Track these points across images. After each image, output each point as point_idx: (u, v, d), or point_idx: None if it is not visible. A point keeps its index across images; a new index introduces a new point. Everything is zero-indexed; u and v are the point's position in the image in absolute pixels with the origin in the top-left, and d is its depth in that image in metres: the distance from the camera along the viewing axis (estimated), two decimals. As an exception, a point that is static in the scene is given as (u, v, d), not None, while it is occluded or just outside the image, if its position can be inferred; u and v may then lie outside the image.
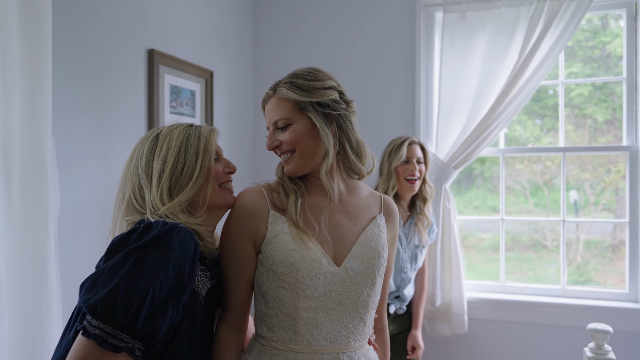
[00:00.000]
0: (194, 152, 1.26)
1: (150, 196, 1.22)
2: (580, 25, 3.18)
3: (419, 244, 2.43)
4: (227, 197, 1.32)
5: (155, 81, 2.38)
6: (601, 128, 3.26)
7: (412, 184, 2.38)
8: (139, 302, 1.00)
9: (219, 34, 2.94)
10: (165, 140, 1.26)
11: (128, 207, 1.25)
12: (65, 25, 1.93)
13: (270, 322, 1.29)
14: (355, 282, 1.28)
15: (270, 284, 1.28)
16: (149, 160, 1.25)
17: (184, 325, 1.15)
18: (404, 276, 2.38)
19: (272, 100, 1.33)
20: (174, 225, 1.10)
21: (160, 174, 1.23)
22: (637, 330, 2.63)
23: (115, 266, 1.03)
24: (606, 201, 3.60)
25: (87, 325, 1.00)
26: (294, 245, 1.25)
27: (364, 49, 3.10)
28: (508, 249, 3.79)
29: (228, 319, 1.32)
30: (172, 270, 1.05)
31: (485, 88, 2.78)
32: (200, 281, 1.23)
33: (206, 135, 1.30)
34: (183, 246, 1.08)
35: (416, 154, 2.43)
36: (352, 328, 1.29)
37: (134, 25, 2.28)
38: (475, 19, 2.83)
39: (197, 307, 1.19)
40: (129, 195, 1.26)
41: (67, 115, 1.94)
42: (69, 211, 1.94)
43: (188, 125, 1.31)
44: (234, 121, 3.10)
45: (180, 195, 1.22)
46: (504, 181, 3.02)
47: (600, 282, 3.37)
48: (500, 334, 2.83)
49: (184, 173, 1.24)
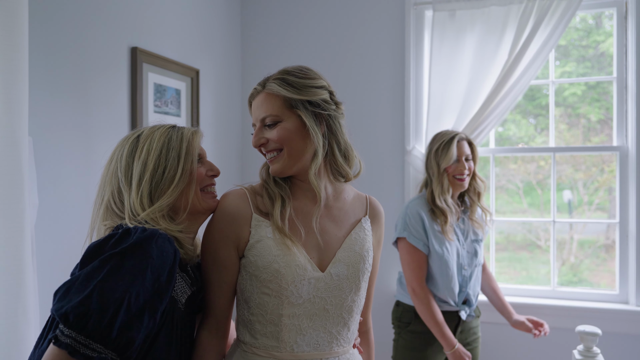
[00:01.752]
0: (176, 155, 1.22)
1: (129, 200, 1.18)
2: (574, 24, 3.16)
3: (475, 237, 2.30)
4: (209, 201, 1.28)
5: (139, 80, 2.32)
6: (594, 128, 3.24)
7: (462, 181, 2.25)
8: (113, 311, 0.96)
9: (205, 32, 2.89)
10: (146, 143, 1.22)
11: (107, 211, 1.21)
12: (43, 21, 1.87)
13: (252, 328, 1.26)
14: (339, 287, 1.26)
15: (254, 289, 1.24)
16: (128, 162, 1.21)
17: (162, 334, 1.11)
18: (465, 274, 2.25)
19: (260, 96, 1.27)
20: (153, 231, 1.06)
21: (140, 178, 1.19)
22: (627, 331, 2.62)
23: (91, 273, 0.99)
24: (600, 201, 3.59)
25: (59, 334, 0.96)
26: (278, 250, 1.21)
27: (353, 47, 3.06)
28: (502, 248, 3.77)
29: (209, 324, 1.28)
30: (150, 279, 1.01)
31: (475, 87, 2.76)
32: (179, 289, 1.19)
33: (189, 137, 1.25)
34: (161, 254, 1.05)
35: (465, 151, 2.26)
36: (336, 333, 1.27)
37: (116, 22, 2.22)
38: (465, 18, 2.80)
39: (176, 316, 1.15)
40: (107, 198, 1.21)
41: (46, 114, 1.88)
42: (48, 214, 1.89)
43: (170, 126, 1.27)
44: (221, 121, 3.05)
45: (161, 199, 1.18)
46: (494, 181, 2.99)
47: (594, 282, 3.36)
48: (489, 336, 2.80)
49: (165, 177, 1.20)
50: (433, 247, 2.18)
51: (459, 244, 2.25)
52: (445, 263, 2.18)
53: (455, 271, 2.21)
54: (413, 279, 2.18)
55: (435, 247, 2.18)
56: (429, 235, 2.19)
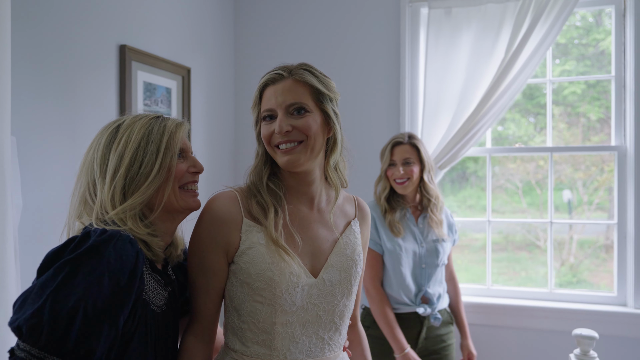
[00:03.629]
0: (155, 149, 1.13)
1: (101, 195, 1.11)
2: (573, 22, 3.12)
3: (437, 238, 2.29)
4: (188, 199, 1.20)
5: (127, 78, 2.27)
6: (594, 127, 3.20)
7: (400, 185, 2.27)
8: (67, 322, 0.91)
9: (196, 29, 2.84)
10: (125, 133, 1.14)
11: (83, 203, 1.15)
12: (27, 17, 1.82)
13: (243, 336, 1.22)
14: (332, 293, 1.24)
15: (245, 297, 1.20)
16: (105, 154, 1.14)
17: (136, 338, 1.06)
18: (423, 272, 2.23)
19: (287, 81, 1.20)
20: (112, 234, 1.00)
21: (114, 171, 1.11)
22: (625, 334, 2.58)
23: (45, 282, 0.94)
24: (600, 201, 3.55)
25: (15, 347, 0.92)
26: (271, 258, 1.17)
27: (348, 45, 3.02)
28: (501, 249, 3.74)
29: (195, 329, 1.24)
30: (108, 284, 0.96)
31: (471, 86, 2.71)
32: (151, 290, 1.12)
33: (171, 130, 1.17)
34: (120, 257, 0.98)
35: (402, 155, 2.27)
36: (328, 339, 1.25)
37: (104, 19, 2.17)
38: (461, 15, 2.76)
39: (149, 319, 1.10)
40: (84, 190, 1.15)
41: (30, 113, 1.84)
42: (32, 216, 1.84)
43: (154, 117, 1.19)
44: (213, 120, 3.00)
45: (134, 197, 1.10)
46: (490, 181, 2.95)
47: (594, 283, 3.33)
48: (485, 339, 2.76)
49: (141, 172, 1.12)
50: (384, 244, 2.22)
51: (416, 242, 2.27)
52: (397, 259, 2.20)
53: (410, 268, 2.23)
54: (367, 279, 2.22)
55: (387, 244, 2.22)
56: (380, 233, 2.24)
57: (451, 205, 3.22)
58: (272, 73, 1.23)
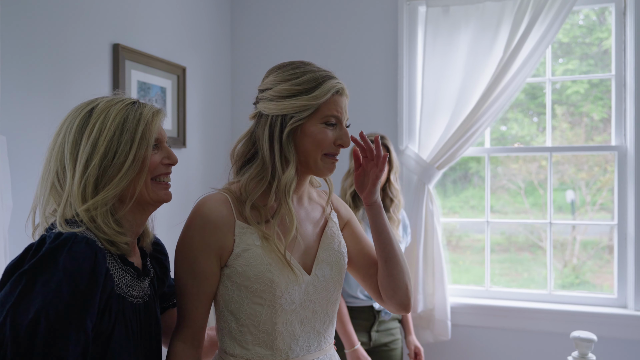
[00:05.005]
0: (129, 138, 1.06)
1: (70, 185, 1.05)
2: (577, 21, 3.08)
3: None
4: (159, 192, 1.14)
5: (121, 77, 2.25)
6: (597, 126, 3.16)
7: None
8: (29, 334, 0.89)
9: (192, 28, 2.82)
10: (99, 119, 1.06)
11: (52, 190, 1.08)
12: (18, 14, 1.80)
13: (243, 339, 1.20)
14: (326, 288, 1.26)
15: (243, 300, 1.18)
16: (76, 138, 1.06)
17: (116, 334, 1.04)
18: None
19: (346, 98, 1.25)
20: (66, 238, 0.96)
21: (87, 160, 1.04)
22: (625, 336, 2.54)
23: (5, 298, 0.92)
24: (603, 201, 3.51)
25: None
26: (268, 259, 1.16)
27: (345, 44, 2.99)
28: (504, 250, 3.70)
29: (185, 335, 1.21)
30: (66, 291, 0.93)
31: (469, 85, 2.69)
32: (125, 284, 1.09)
33: (147, 119, 1.10)
34: (76, 261, 0.95)
35: None
36: (323, 332, 1.27)
37: (97, 18, 2.15)
38: (459, 14, 2.73)
39: (127, 313, 1.08)
40: (53, 175, 1.08)
41: (20, 112, 1.82)
42: (23, 216, 1.81)
43: (130, 102, 1.12)
44: (209, 120, 2.98)
45: (106, 190, 1.04)
46: (489, 182, 2.92)
47: (597, 285, 3.29)
48: (484, 341, 2.73)
49: (114, 162, 1.05)
50: None
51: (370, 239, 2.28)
52: None
53: None
54: None
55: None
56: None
57: (453, 206, 3.19)
58: (341, 84, 1.22)
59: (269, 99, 1.20)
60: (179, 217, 1.36)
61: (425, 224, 2.73)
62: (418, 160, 2.76)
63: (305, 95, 1.17)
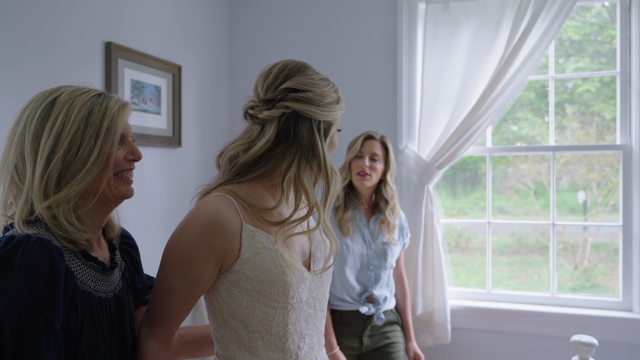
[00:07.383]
0: (94, 133, 1.02)
1: (30, 179, 1.00)
2: (588, 18, 3.01)
3: (387, 241, 2.30)
4: (122, 188, 1.10)
5: (114, 76, 2.22)
6: (609, 126, 3.10)
7: (362, 177, 2.27)
8: None
9: (188, 25, 2.78)
10: (62, 110, 1.02)
11: (12, 183, 1.04)
12: (8, 11, 1.77)
13: (254, 346, 1.16)
14: (322, 282, 1.28)
15: (255, 306, 1.14)
16: (37, 130, 1.01)
17: (85, 331, 1.01)
18: (370, 274, 2.25)
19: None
20: (19, 241, 0.93)
21: (50, 154, 1.00)
22: (630, 341, 2.47)
23: None
24: (615, 202, 3.45)
25: None
26: (282, 261, 1.13)
27: (344, 41, 2.94)
28: (513, 252, 3.65)
29: (161, 335, 1.18)
30: (27, 296, 0.89)
31: (469, 83, 2.63)
32: (90, 280, 1.06)
33: (113, 113, 1.06)
34: (32, 264, 0.91)
35: (371, 149, 2.29)
36: (320, 327, 1.29)
37: (88, 15, 2.12)
38: (459, 10, 2.67)
39: (94, 309, 1.04)
40: (12, 168, 1.03)
41: (10, 112, 1.76)
42: (10, 216, 1.79)
43: (96, 94, 1.07)
44: (206, 120, 2.94)
45: (69, 187, 1.00)
46: (490, 182, 2.87)
47: (608, 287, 3.22)
48: (485, 345, 2.68)
49: (78, 157, 1.01)
50: None
51: (364, 244, 2.27)
52: (342, 259, 2.20)
53: (355, 269, 2.23)
54: None
55: None
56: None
57: (463, 207, 3.14)
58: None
59: (309, 102, 1.17)
60: (175, 218, 1.33)
61: (425, 225, 2.68)
62: (417, 160, 2.71)
63: (340, 104, 1.24)
